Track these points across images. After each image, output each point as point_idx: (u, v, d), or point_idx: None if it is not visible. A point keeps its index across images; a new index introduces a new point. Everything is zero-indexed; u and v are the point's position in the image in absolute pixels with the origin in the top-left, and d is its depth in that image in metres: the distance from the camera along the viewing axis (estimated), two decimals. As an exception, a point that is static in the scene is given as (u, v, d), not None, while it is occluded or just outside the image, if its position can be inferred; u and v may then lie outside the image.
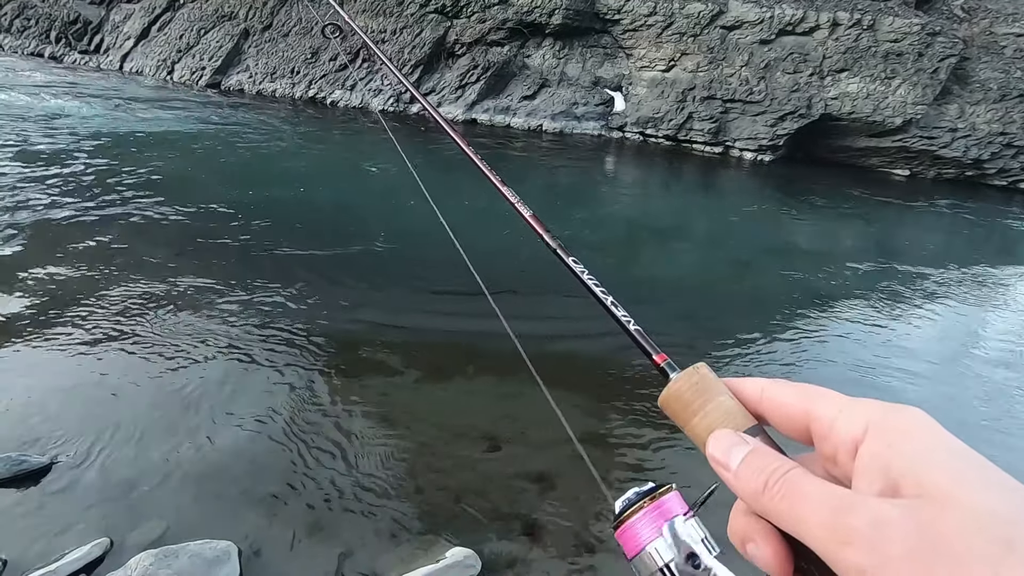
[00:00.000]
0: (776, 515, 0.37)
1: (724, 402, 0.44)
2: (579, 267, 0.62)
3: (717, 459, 0.41)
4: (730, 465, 0.40)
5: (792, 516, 0.35)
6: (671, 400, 0.47)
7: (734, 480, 0.39)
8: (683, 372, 0.47)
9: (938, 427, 0.35)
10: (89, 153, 10.65)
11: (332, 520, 3.30)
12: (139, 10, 23.54)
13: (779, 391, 0.43)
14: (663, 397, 0.47)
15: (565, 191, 12.09)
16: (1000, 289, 9.07)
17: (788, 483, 0.36)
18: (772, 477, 0.37)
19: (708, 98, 17.95)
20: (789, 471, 0.37)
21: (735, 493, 0.40)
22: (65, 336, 4.84)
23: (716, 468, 0.41)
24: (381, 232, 8.10)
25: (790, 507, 0.36)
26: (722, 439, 0.41)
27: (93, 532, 3.05)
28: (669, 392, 0.47)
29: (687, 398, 0.45)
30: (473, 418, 4.33)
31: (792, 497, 0.36)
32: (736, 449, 0.40)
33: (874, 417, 0.36)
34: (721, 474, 0.41)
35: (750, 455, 0.39)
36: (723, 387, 0.45)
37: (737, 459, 0.40)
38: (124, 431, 3.80)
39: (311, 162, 11.98)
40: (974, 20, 18.88)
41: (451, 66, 19.85)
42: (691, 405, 0.45)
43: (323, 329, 5.34)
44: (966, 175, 17.46)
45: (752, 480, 0.38)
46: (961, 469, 0.32)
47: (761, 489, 0.37)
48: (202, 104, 17.33)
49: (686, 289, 7.67)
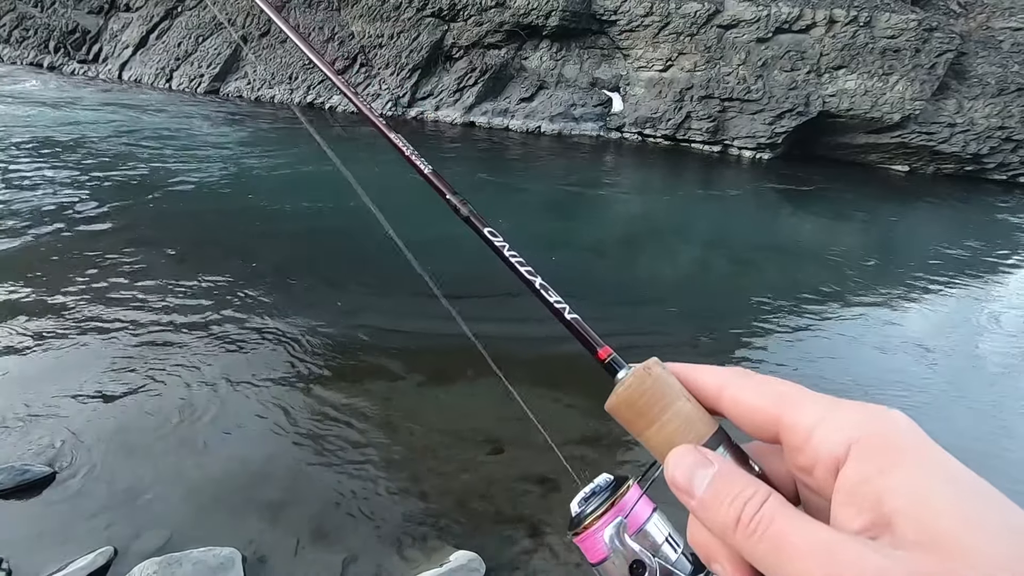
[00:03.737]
0: (751, 557, 0.33)
1: (682, 408, 0.39)
2: (498, 240, 0.51)
3: (679, 485, 0.36)
4: (694, 492, 0.36)
5: (772, 564, 0.32)
6: (621, 408, 0.41)
7: (701, 511, 0.35)
8: (633, 373, 0.41)
9: (927, 442, 0.32)
10: (87, 159, 10.67)
11: (336, 525, 3.30)
12: (137, 19, 23.61)
13: (743, 392, 0.38)
14: (611, 404, 0.42)
15: (564, 192, 12.09)
16: (1001, 284, 9.05)
17: (766, 523, 0.32)
18: (746, 511, 0.33)
19: (706, 97, 17.95)
20: (765, 503, 0.33)
21: (703, 524, 0.36)
22: (66, 345, 4.84)
23: (678, 495, 0.37)
24: (379, 234, 8.09)
25: (770, 554, 0.32)
26: (683, 460, 0.37)
27: (97, 541, 3.05)
28: (619, 399, 0.41)
29: (640, 406, 0.40)
30: (475, 421, 4.33)
31: (772, 543, 0.32)
32: (700, 472, 0.36)
33: (858, 433, 0.32)
34: (685, 501, 0.36)
35: (717, 480, 0.35)
36: (679, 388, 0.40)
37: (701, 485, 0.35)
38: (127, 439, 3.81)
39: (306, 164, 11.99)
40: (971, 15, 18.87)
41: (449, 69, 19.88)
42: (645, 414, 0.40)
43: (325, 334, 5.34)
44: (965, 170, 17.42)
45: (722, 512, 0.34)
46: (969, 511, 0.28)
47: (733, 525, 0.33)
48: (199, 110, 17.37)
49: (686, 288, 7.66)
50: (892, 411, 0.33)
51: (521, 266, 0.50)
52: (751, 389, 0.38)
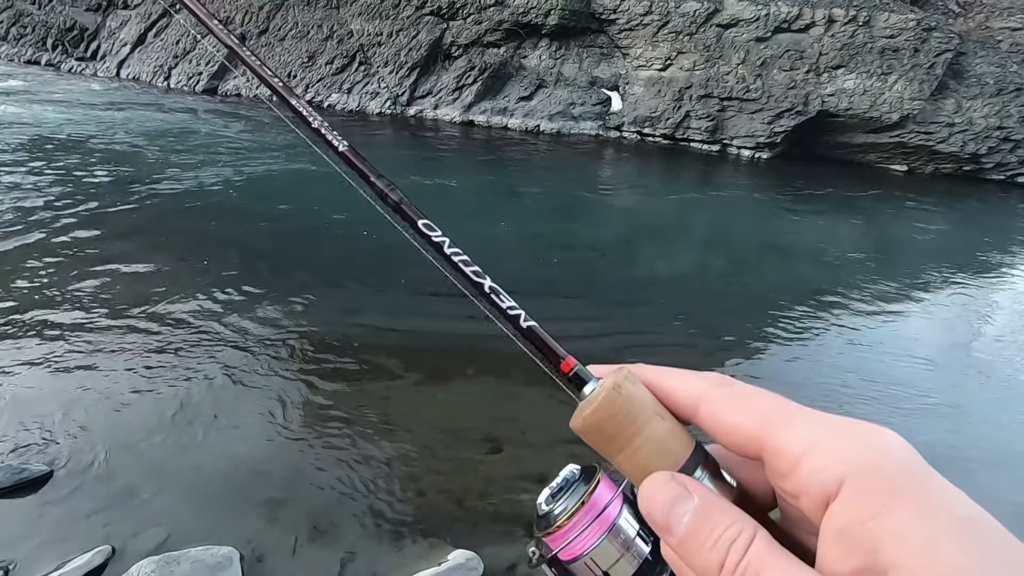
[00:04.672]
0: None
1: (656, 430, 0.36)
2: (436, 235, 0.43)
3: (657, 522, 0.33)
4: (673, 531, 0.33)
5: None
6: (588, 432, 0.37)
7: (681, 551, 0.32)
8: (602, 391, 0.38)
9: (928, 477, 0.29)
10: (87, 158, 10.65)
11: (334, 524, 3.29)
12: (135, 16, 23.56)
13: (722, 408, 0.35)
14: (577, 424, 0.38)
15: (564, 191, 12.09)
16: (1000, 284, 9.07)
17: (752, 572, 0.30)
18: (731, 557, 0.30)
19: (705, 96, 17.95)
20: (751, 545, 0.31)
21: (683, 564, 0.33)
22: (64, 343, 4.83)
23: (656, 531, 0.34)
24: (377, 233, 8.09)
25: None
26: (659, 494, 0.34)
27: (95, 540, 3.05)
28: (585, 421, 0.37)
29: (609, 430, 0.37)
30: (474, 420, 4.33)
31: None
32: (678, 507, 0.33)
33: (852, 468, 0.29)
34: (664, 539, 0.33)
35: (697, 517, 0.32)
36: (651, 405, 0.37)
37: (681, 522, 0.32)
38: (124, 438, 3.80)
39: (303, 163, 11.98)
40: (970, 15, 18.89)
41: (448, 68, 19.86)
42: (616, 438, 0.36)
43: (322, 333, 5.34)
44: (964, 170, 17.45)
45: (703, 555, 0.31)
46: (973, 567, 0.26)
47: (716, 570, 0.31)
48: (197, 108, 17.34)
49: (684, 288, 7.67)
50: (887, 435, 0.30)
51: (466, 266, 0.43)
52: (732, 404, 0.35)
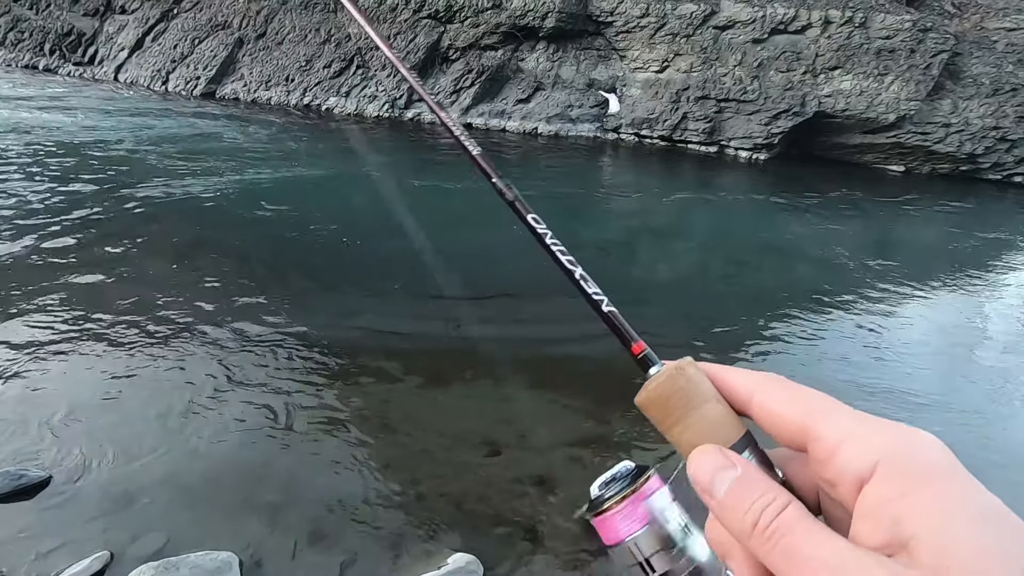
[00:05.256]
0: (765, 561, 0.34)
1: (710, 411, 0.40)
2: (541, 227, 0.52)
3: (700, 484, 0.37)
4: (715, 493, 0.37)
5: (784, 572, 0.32)
6: (650, 405, 0.42)
7: (719, 511, 0.36)
8: (666, 371, 0.42)
9: (960, 471, 0.31)
10: (83, 162, 10.64)
11: (333, 528, 3.28)
12: (133, 21, 23.57)
13: (773, 399, 0.39)
14: (641, 399, 0.42)
15: (562, 193, 12.10)
16: (996, 284, 9.08)
17: (783, 532, 0.33)
18: (764, 518, 0.34)
19: (702, 98, 17.98)
20: (783, 512, 0.34)
21: (722, 525, 0.37)
22: (61, 348, 4.82)
23: (700, 493, 0.38)
24: (376, 236, 8.09)
25: (782, 562, 0.33)
26: (706, 460, 0.38)
27: (93, 545, 3.03)
28: (649, 395, 0.42)
29: (670, 404, 0.41)
30: (472, 423, 4.32)
31: (785, 552, 0.33)
32: (722, 473, 0.37)
33: (886, 454, 0.32)
34: (705, 500, 0.37)
35: (738, 483, 0.36)
36: (710, 389, 0.41)
37: (723, 487, 0.36)
38: (122, 443, 3.79)
39: (302, 166, 11.98)
40: (965, 15, 18.95)
41: (446, 71, 19.88)
42: (674, 413, 0.41)
43: (321, 336, 5.33)
44: (960, 170, 17.48)
45: (740, 515, 0.35)
46: (987, 541, 0.28)
47: (749, 530, 0.34)
48: (195, 113, 17.34)
49: (684, 288, 7.67)
50: (925, 435, 0.33)
51: (563, 255, 0.51)
52: (782, 397, 0.38)
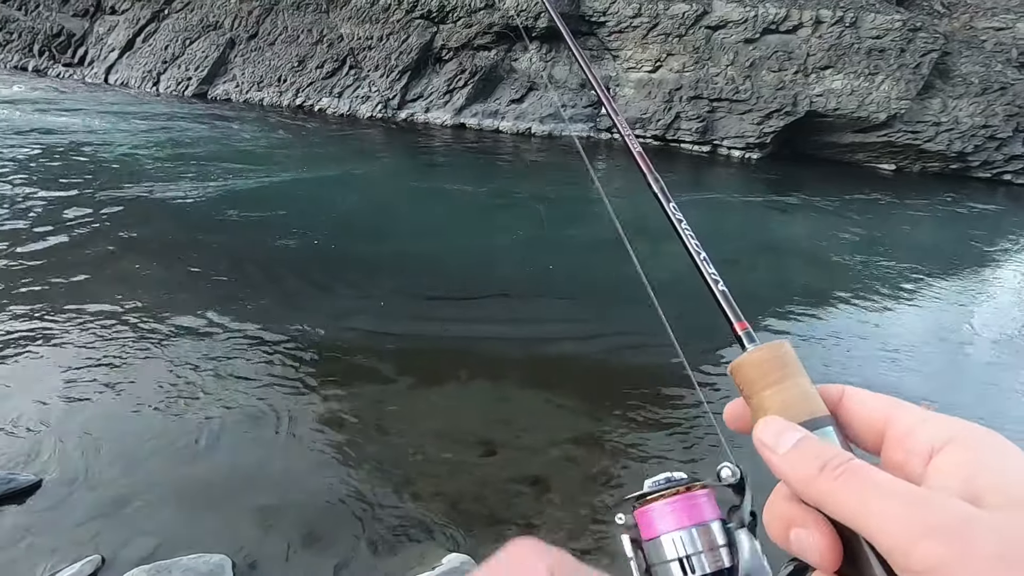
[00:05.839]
0: (833, 501, 0.35)
1: (804, 383, 0.42)
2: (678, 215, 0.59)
3: (764, 442, 0.40)
4: (778, 448, 0.39)
5: (855, 503, 0.34)
6: (747, 366, 0.44)
7: (781, 462, 0.38)
8: (767, 343, 0.45)
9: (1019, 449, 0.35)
10: (74, 165, 10.55)
11: (327, 529, 3.27)
12: (123, 21, 23.40)
13: (862, 393, 0.43)
14: (738, 361, 0.44)
15: (556, 193, 12.10)
16: (988, 281, 9.16)
17: (854, 469, 0.35)
18: (833, 460, 0.36)
19: (695, 98, 18.04)
20: (851, 459, 0.36)
21: (780, 479, 0.39)
22: (50, 351, 4.78)
23: (762, 452, 0.40)
24: (370, 237, 8.07)
25: (854, 493, 0.34)
26: (772, 422, 0.40)
27: (84, 549, 3.01)
28: (750, 357, 0.44)
29: (767, 367, 0.43)
30: (467, 423, 4.31)
31: (858, 484, 0.35)
32: (787, 434, 0.39)
33: (958, 431, 0.36)
34: (767, 457, 0.39)
35: (803, 440, 0.38)
36: (805, 371, 0.43)
37: (787, 444, 0.39)
38: (114, 446, 3.76)
39: (295, 168, 11.93)
40: (954, 15, 19.10)
41: (438, 71, 19.85)
42: (769, 375, 0.42)
43: (315, 338, 5.30)
44: (951, 168, 17.61)
45: (804, 464, 0.37)
46: None
47: (816, 472, 0.36)
48: (187, 114, 17.24)
49: (677, 289, 7.66)
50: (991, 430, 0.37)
51: (691, 239, 0.57)
52: (868, 392, 0.42)
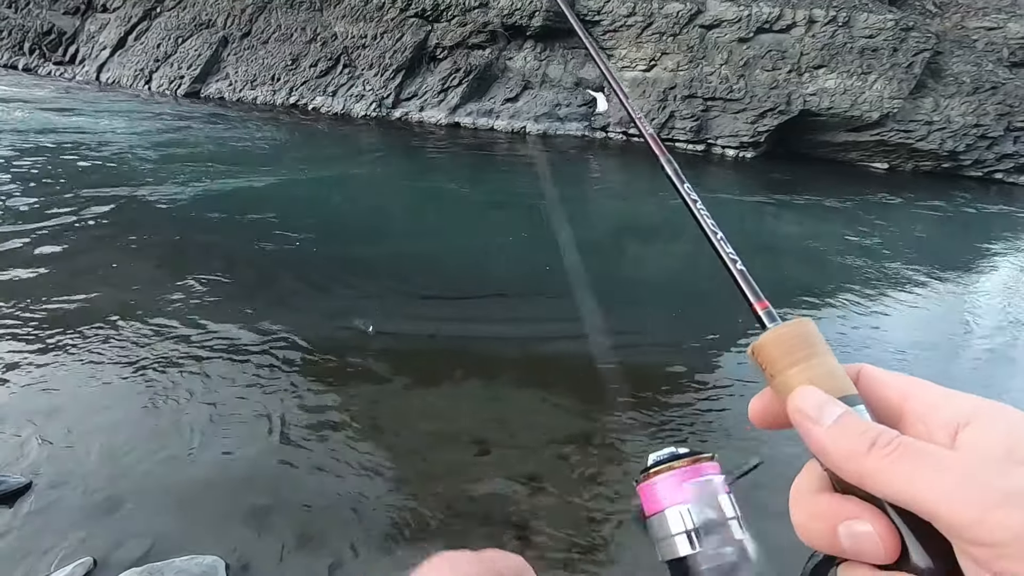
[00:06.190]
0: (887, 479, 0.33)
1: (831, 361, 0.40)
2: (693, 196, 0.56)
3: (806, 412, 0.37)
4: (823, 420, 0.36)
5: (913, 480, 0.32)
6: (770, 344, 0.42)
7: (824, 436, 0.36)
8: (789, 321, 0.43)
9: None
10: (65, 166, 10.47)
11: (321, 530, 3.25)
12: (115, 20, 23.23)
13: (879, 371, 0.41)
14: (760, 341, 0.42)
15: (551, 193, 12.10)
16: (981, 279, 9.22)
17: (905, 445, 0.34)
18: (881, 439, 0.34)
19: (689, 97, 18.08)
20: (899, 435, 0.34)
21: (819, 454, 0.37)
22: (42, 352, 4.74)
23: (802, 423, 0.38)
24: (366, 237, 8.05)
25: (911, 470, 0.32)
26: (813, 393, 0.38)
27: (76, 551, 2.98)
28: (773, 334, 0.42)
29: (791, 345, 0.41)
30: (462, 423, 4.30)
31: (913, 460, 0.33)
32: (830, 407, 0.37)
33: (986, 406, 0.35)
34: (807, 429, 0.37)
35: (846, 415, 0.36)
36: (830, 349, 0.41)
37: (831, 417, 0.36)
38: (106, 447, 3.72)
39: (291, 166, 11.88)
40: (946, 15, 19.21)
41: (433, 70, 19.81)
42: (794, 353, 0.40)
43: (309, 337, 5.28)
44: (943, 167, 17.73)
45: (849, 440, 0.35)
46: None
47: (865, 450, 0.34)
48: (180, 114, 17.13)
49: (672, 288, 7.70)
50: None
51: (706, 219, 0.55)
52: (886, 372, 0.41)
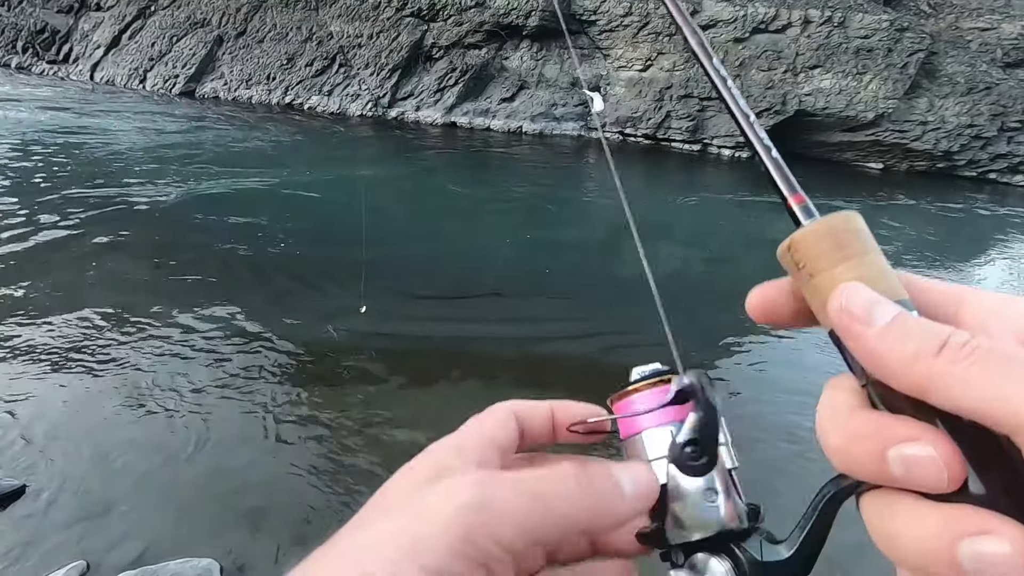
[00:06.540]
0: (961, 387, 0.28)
1: (881, 260, 0.34)
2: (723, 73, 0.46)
3: (852, 312, 0.31)
4: (874, 320, 0.30)
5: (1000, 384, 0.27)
6: (813, 237, 0.34)
7: (876, 339, 0.30)
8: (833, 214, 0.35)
9: None
10: (58, 165, 10.41)
11: (317, 532, 3.23)
12: (109, 18, 23.12)
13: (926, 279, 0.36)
14: (801, 233, 0.35)
15: (547, 192, 12.10)
16: (976, 278, 9.25)
17: (984, 348, 0.28)
18: (953, 339, 0.28)
19: (685, 96, 18.11)
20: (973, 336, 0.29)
21: (869, 359, 0.31)
22: (35, 353, 4.70)
23: (850, 325, 0.31)
24: (360, 237, 8.02)
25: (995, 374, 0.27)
26: (859, 290, 0.32)
27: (69, 555, 2.95)
28: (820, 225, 0.35)
29: (842, 238, 0.34)
30: (458, 422, 4.28)
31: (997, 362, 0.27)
32: (882, 306, 0.31)
33: None
34: (857, 332, 0.31)
35: (902, 315, 0.30)
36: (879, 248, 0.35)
37: (885, 317, 0.30)
38: (99, 449, 3.70)
39: (286, 166, 11.84)
40: (941, 15, 19.29)
41: (429, 69, 19.79)
42: (845, 248, 0.34)
43: (304, 338, 5.25)
44: (937, 167, 17.81)
45: (910, 342, 0.29)
46: None
47: (934, 352, 0.28)
48: (174, 113, 17.06)
49: (668, 288, 7.70)
50: None
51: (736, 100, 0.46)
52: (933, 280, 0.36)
